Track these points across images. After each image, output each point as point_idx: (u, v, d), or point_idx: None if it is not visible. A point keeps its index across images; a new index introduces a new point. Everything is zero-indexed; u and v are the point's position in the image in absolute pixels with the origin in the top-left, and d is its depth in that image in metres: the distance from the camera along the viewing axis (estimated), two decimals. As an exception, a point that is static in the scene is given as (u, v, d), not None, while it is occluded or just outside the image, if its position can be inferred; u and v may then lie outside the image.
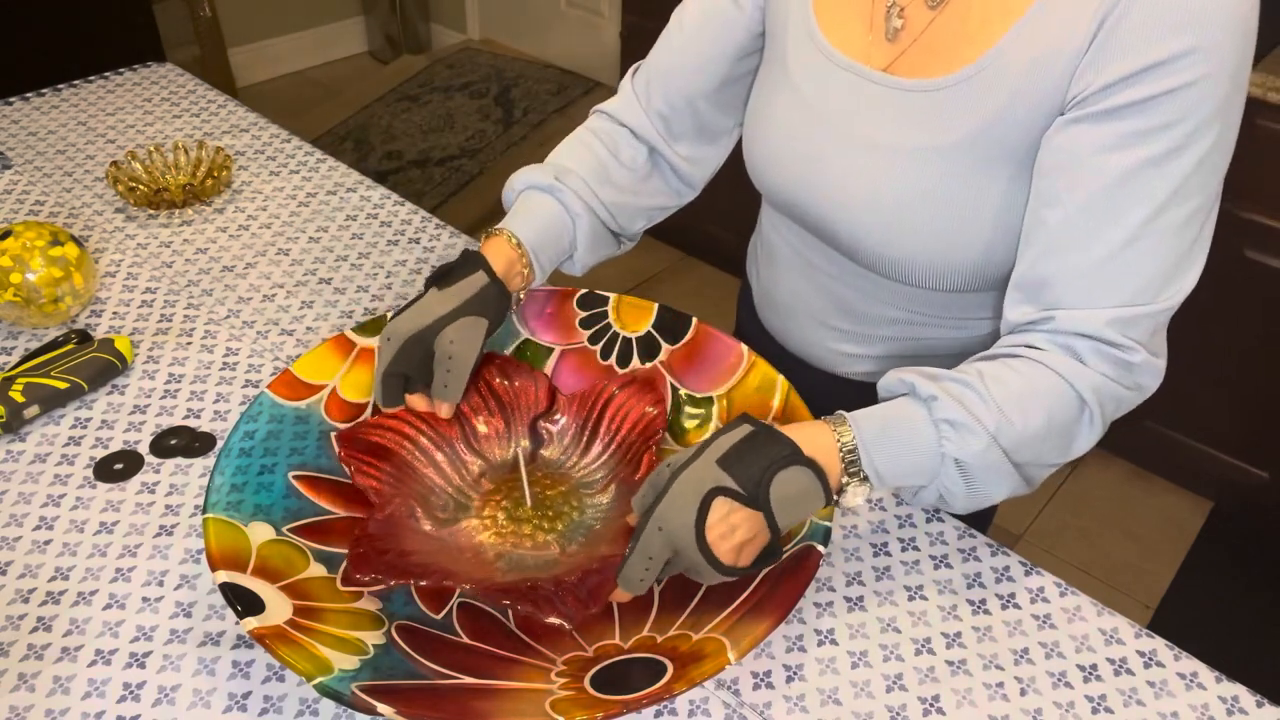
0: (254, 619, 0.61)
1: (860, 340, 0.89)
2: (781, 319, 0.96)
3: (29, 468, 0.83)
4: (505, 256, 0.83)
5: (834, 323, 0.90)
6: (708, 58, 0.88)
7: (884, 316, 0.86)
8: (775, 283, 0.95)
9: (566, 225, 0.88)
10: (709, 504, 0.64)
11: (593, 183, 0.89)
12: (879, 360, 0.90)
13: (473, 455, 0.83)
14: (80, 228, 1.13)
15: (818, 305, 0.90)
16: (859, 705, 0.68)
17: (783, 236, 0.91)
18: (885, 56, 0.76)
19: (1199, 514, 2.00)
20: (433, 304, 0.79)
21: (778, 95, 0.83)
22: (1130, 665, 0.71)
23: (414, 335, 0.78)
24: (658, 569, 0.66)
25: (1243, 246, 1.69)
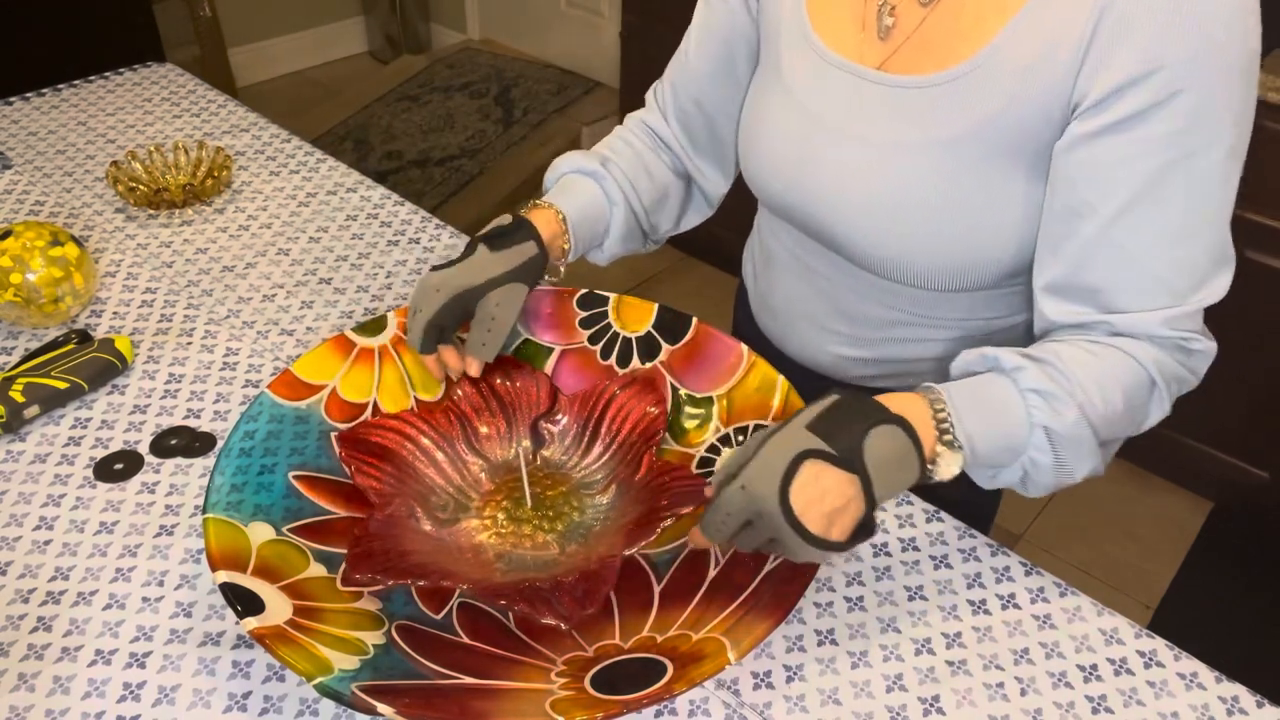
0: (254, 619, 0.61)
1: (858, 343, 0.89)
2: (779, 323, 0.96)
3: (29, 468, 0.83)
4: (552, 228, 0.86)
5: (831, 326, 0.89)
6: (714, 72, 0.90)
7: (881, 319, 0.86)
8: (772, 287, 0.95)
9: (604, 210, 0.91)
10: (797, 467, 0.61)
11: (632, 176, 0.92)
12: (878, 364, 0.89)
13: (473, 455, 0.83)
14: (80, 228, 1.13)
15: (814, 308, 0.90)
16: (859, 705, 0.68)
17: (779, 241, 0.92)
18: (879, 55, 0.76)
19: (1199, 514, 2.00)
20: (485, 263, 0.81)
21: (771, 98, 0.83)
22: (1130, 665, 0.71)
23: (465, 290, 0.79)
24: (734, 526, 0.63)
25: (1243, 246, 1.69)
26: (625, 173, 0.92)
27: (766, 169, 0.84)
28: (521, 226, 0.83)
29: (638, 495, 0.78)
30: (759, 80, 0.86)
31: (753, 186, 0.88)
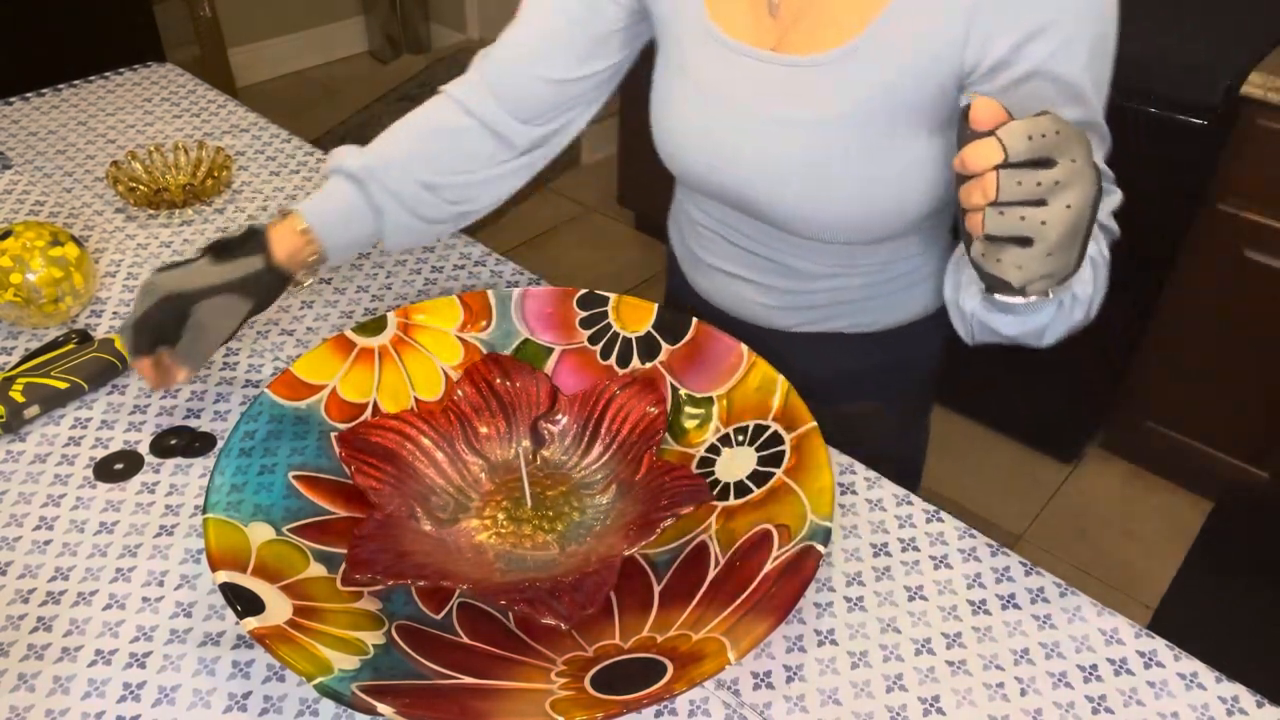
0: (254, 619, 0.61)
1: (789, 295, 0.93)
2: (713, 284, 0.99)
3: (29, 468, 0.83)
4: (289, 243, 0.84)
5: (764, 282, 0.94)
6: (558, 49, 0.88)
7: (810, 272, 0.90)
8: (704, 252, 0.98)
9: (368, 217, 0.88)
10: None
11: (410, 172, 0.88)
12: (809, 311, 0.94)
13: (473, 455, 0.83)
14: (80, 228, 1.13)
15: (747, 270, 0.94)
16: (859, 705, 0.68)
17: (705, 212, 0.95)
18: (772, 35, 0.79)
19: (1199, 514, 2.00)
20: (203, 271, 0.81)
21: (677, 83, 0.85)
22: (1130, 665, 0.71)
23: (174, 294, 0.79)
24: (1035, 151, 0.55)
25: (1243, 246, 1.69)
26: (406, 170, 0.88)
27: (683, 151, 0.86)
28: (250, 240, 0.83)
29: (638, 495, 0.79)
30: (664, 70, 0.88)
31: (671, 166, 0.90)
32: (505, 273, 1.09)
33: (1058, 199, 0.56)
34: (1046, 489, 2.05)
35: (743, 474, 0.77)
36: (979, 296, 0.72)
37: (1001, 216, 0.57)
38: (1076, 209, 0.57)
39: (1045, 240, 0.57)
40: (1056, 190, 0.56)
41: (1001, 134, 0.55)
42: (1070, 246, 0.58)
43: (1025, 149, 0.55)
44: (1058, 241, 0.57)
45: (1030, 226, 0.57)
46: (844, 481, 0.85)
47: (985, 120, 0.56)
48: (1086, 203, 0.57)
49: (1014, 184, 0.55)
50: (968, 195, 0.58)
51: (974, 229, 0.59)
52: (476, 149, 0.91)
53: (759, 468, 0.77)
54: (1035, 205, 0.56)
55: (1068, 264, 0.60)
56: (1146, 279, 1.79)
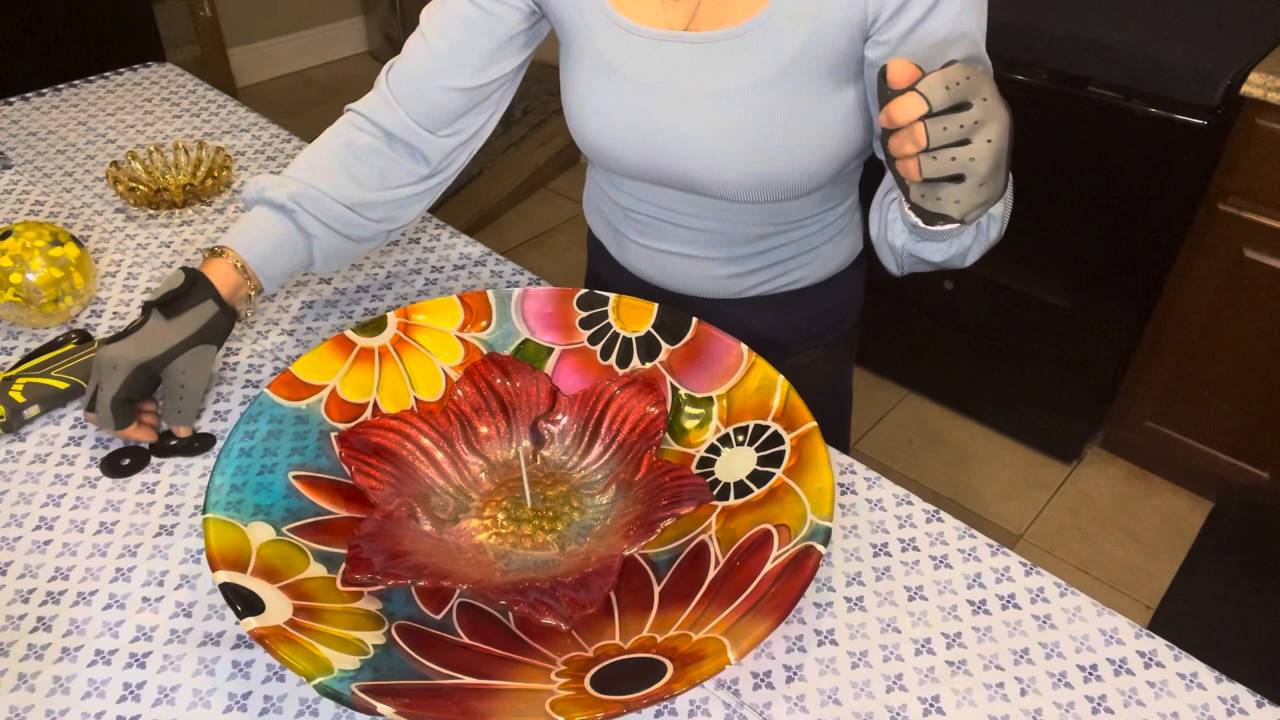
0: (254, 619, 0.61)
1: (736, 262, 0.96)
2: (657, 266, 1.00)
3: (29, 468, 0.83)
4: (230, 281, 0.86)
5: (709, 254, 0.96)
6: (462, 58, 0.90)
7: (752, 234, 0.94)
8: (642, 236, 0.99)
9: (299, 245, 0.90)
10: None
11: (336, 196, 0.90)
12: (756, 274, 0.98)
13: (473, 455, 0.83)
14: (80, 228, 1.13)
15: (690, 247, 0.96)
16: (859, 705, 0.68)
17: (636, 199, 0.96)
18: (680, 16, 0.84)
19: (1199, 514, 2.00)
20: (160, 333, 0.82)
21: (598, 80, 0.87)
22: (1130, 665, 0.71)
23: (144, 364, 0.81)
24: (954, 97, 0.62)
25: (1243, 246, 1.69)
26: (328, 195, 0.90)
27: (615, 145, 0.89)
28: (195, 286, 0.84)
29: (638, 495, 0.79)
30: (576, 67, 0.90)
31: (602, 161, 0.92)
32: (505, 273, 1.09)
33: (979, 135, 0.63)
34: (1046, 489, 2.05)
35: (743, 474, 0.77)
36: (906, 232, 0.79)
37: (934, 161, 0.63)
38: (997, 141, 0.63)
39: (976, 174, 0.64)
40: (977, 128, 0.62)
41: (922, 88, 0.61)
42: (997, 174, 0.65)
43: (944, 97, 0.61)
44: (987, 173, 0.64)
45: (961, 164, 0.63)
46: (844, 481, 0.85)
47: (903, 79, 0.62)
48: (1004, 134, 0.63)
49: (940, 130, 0.62)
50: (899, 146, 0.64)
51: (909, 174, 0.65)
52: (393, 166, 0.93)
53: (759, 468, 0.77)
54: (961, 145, 0.63)
55: (997, 190, 0.66)
56: (1146, 279, 1.79)
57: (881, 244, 0.85)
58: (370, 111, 0.92)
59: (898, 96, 0.62)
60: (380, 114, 0.92)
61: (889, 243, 0.84)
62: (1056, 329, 1.93)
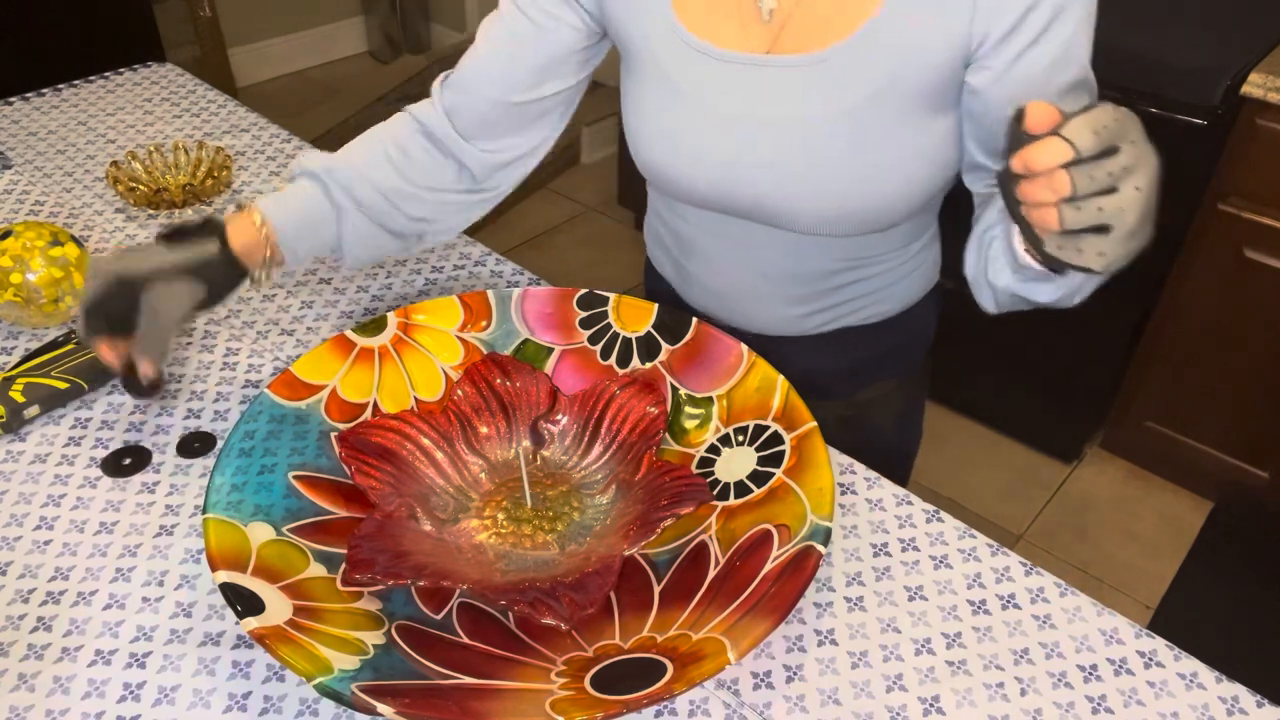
0: (254, 619, 0.61)
1: (806, 300, 0.92)
2: (722, 301, 0.97)
3: (29, 468, 0.83)
4: (247, 235, 0.82)
5: (779, 291, 0.92)
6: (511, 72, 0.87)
7: (825, 270, 0.90)
8: (703, 273, 0.95)
9: (328, 218, 0.86)
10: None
11: (372, 179, 0.87)
12: (826, 312, 0.93)
13: (473, 455, 0.83)
14: (80, 228, 1.13)
15: (758, 282, 0.92)
16: (859, 705, 0.68)
17: (700, 228, 0.92)
18: (763, 39, 0.78)
19: (1199, 514, 2.00)
20: (151, 254, 0.78)
21: (665, 103, 0.83)
22: (1130, 665, 0.71)
23: (123, 276, 0.76)
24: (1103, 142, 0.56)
25: (1243, 246, 1.69)
26: (366, 176, 0.87)
27: (684, 173, 0.84)
28: (206, 226, 0.81)
29: (638, 495, 0.79)
30: (641, 89, 0.85)
31: (666, 188, 0.88)
32: (505, 273, 1.09)
33: (1128, 183, 0.57)
34: (1046, 489, 2.05)
35: (743, 474, 0.77)
36: (1011, 272, 0.73)
37: (1079, 211, 0.58)
38: (1145, 189, 0.58)
39: (1124, 224, 0.58)
40: (1125, 175, 0.57)
41: (1068, 133, 0.56)
42: (1146, 223, 0.59)
43: (1093, 143, 0.56)
44: (1135, 223, 0.58)
45: (1109, 215, 0.58)
46: (844, 481, 0.85)
47: (1044, 123, 0.57)
48: (1153, 180, 0.58)
49: (1086, 178, 0.56)
50: (1033, 193, 0.58)
51: (1046, 224, 0.59)
52: (436, 169, 0.90)
53: (759, 468, 0.77)
54: (1108, 194, 0.57)
55: (1144, 240, 0.61)
56: (1146, 279, 1.79)
57: (980, 283, 0.79)
58: (419, 113, 0.90)
59: (1036, 141, 0.57)
60: (428, 117, 0.90)
61: (989, 282, 0.78)
62: (1056, 329, 1.93)
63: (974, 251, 0.80)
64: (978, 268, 0.79)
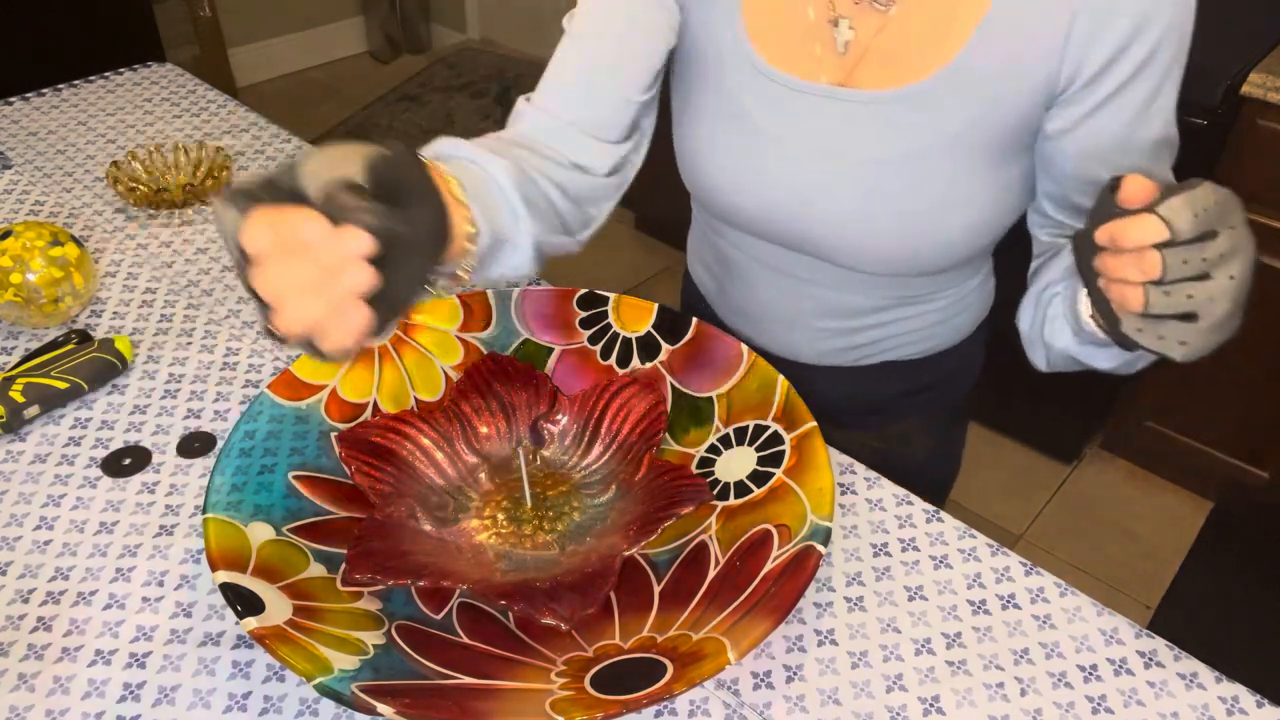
0: (254, 619, 0.61)
1: (844, 334, 0.90)
2: (756, 326, 0.95)
3: (29, 468, 0.83)
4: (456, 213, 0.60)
5: (816, 324, 0.90)
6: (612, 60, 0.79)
7: (869, 307, 0.88)
8: (743, 294, 0.93)
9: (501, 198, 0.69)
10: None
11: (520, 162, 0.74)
12: (863, 349, 0.91)
13: (473, 455, 0.83)
14: (80, 228, 1.13)
15: (797, 311, 0.90)
16: (859, 705, 0.68)
17: (743, 251, 0.90)
18: (837, 70, 0.75)
19: (1199, 514, 2.00)
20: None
21: (725, 125, 0.80)
22: (1130, 665, 0.71)
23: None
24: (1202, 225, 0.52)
25: (1243, 246, 1.69)
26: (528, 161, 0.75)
27: (737, 199, 0.81)
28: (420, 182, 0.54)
29: (638, 495, 0.79)
30: (699, 106, 0.82)
31: (716, 212, 0.85)
32: (505, 273, 1.09)
33: (1222, 270, 0.53)
34: (1046, 489, 2.05)
35: (743, 474, 0.77)
36: (1072, 335, 0.70)
37: (1167, 296, 0.54)
38: (1240, 278, 0.54)
39: (1212, 315, 0.55)
40: (1220, 262, 0.53)
41: (1165, 212, 0.52)
42: (1235, 315, 0.56)
43: (1192, 226, 0.52)
44: (1224, 314, 0.55)
45: (1198, 303, 0.54)
46: (844, 481, 0.85)
47: (1138, 198, 0.53)
48: (1249, 269, 0.54)
49: (1180, 262, 0.53)
50: (1118, 269, 0.55)
51: (1126, 304, 0.56)
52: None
53: (759, 468, 0.77)
54: (1200, 280, 0.53)
55: (1231, 333, 0.57)
56: (1146, 279, 1.79)
57: (1034, 341, 0.76)
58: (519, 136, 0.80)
59: (1129, 215, 0.53)
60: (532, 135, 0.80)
61: (1045, 341, 0.74)
62: (1056, 329, 1.93)
63: (1030, 308, 0.76)
64: (1034, 326, 0.75)
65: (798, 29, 0.76)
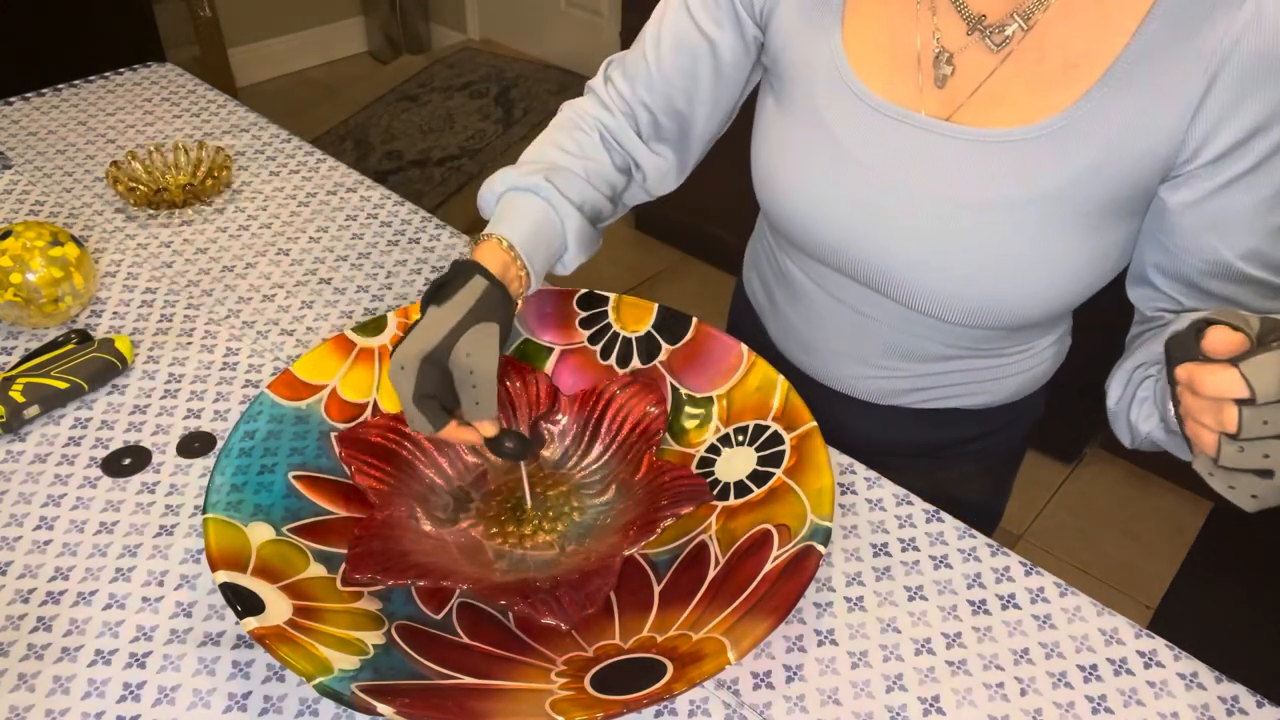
0: (254, 619, 0.61)
1: (907, 377, 0.87)
2: (814, 358, 0.91)
3: (29, 468, 0.83)
4: (499, 260, 0.75)
5: (880, 363, 0.86)
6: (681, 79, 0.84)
7: (936, 354, 0.84)
8: (806, 323, 0.90)
9: (556, 227, 0.81)
10: None
11: (579, 177, 0.84)
12: (921, 391, 0.88)
13: (473, 455, 0.83)
14: (80, 228, 1.13)
15: (861, 348, 0.86)
16: (859, 705, 0.68)
17: (810, 277, 0.86)
18: (940, 104, 0.72)
19: (1199, 514, 2.00)
20: (436, 321, 0.70)
21: (810, 144, 0.77)
22: (1130, 665, 0.71)
23: (427, 355, 0.69)
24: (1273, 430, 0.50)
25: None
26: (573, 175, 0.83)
27: (813, 217, 0.78)
28: (462, 269, 0.73)
29: (638, 495, 0.79)
30: (786, 122, 0.79)
31: (787, 234, 0.82)
32: (505, 273, 1.09)
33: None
34: (1046, 489, 2.05)
35: (743, 474, 0.77)
36: (1159, 423, 0.68)
37: (1241, 453, 0.52)
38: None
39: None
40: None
41: (1248, 372, 0.50)
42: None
43: (1274, 390, 0.49)
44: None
45: (1274, 461, 0.51)
46: (844, 481, 0.85)
47: (1222, 350, 0.52)
48: None
49: (1259, 423, 0.50)
50: (1198, 410, 0.53)
51: (1202, 446, 0.54)
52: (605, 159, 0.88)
53: (759, 468, 0.77)
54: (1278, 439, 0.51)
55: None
56: (1146, 279, 1.79)
57: (1120, 418, 0.73)
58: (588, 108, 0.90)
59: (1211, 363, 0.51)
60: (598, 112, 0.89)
61: (1130, 421, 0.71)
62: (1056, 329, 1.93)
63: (1119, 385, 0.73)
64: (1120, 403, 0.72)
65: (901, 57, 0.73)
